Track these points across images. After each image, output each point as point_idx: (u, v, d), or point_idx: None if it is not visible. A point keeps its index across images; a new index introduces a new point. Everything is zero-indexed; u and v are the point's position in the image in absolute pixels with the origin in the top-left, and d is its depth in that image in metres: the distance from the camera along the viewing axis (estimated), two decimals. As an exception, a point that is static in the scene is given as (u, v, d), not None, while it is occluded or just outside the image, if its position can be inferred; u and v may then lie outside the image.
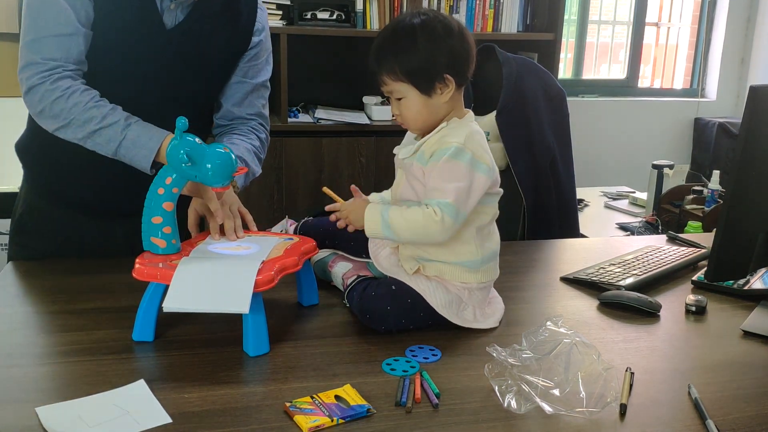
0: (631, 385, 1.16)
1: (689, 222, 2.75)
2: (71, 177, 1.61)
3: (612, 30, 4.80)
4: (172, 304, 1.20)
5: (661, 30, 4.89)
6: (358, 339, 1.31)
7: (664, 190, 3.06)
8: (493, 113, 2.27)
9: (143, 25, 1.49)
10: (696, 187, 3.04)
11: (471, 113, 1.40)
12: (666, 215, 3.00)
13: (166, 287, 1.22)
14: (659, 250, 1.82)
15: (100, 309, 1.40)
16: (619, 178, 4.29)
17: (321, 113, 3.47)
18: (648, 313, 1.47)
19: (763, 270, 1.60)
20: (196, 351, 1.25)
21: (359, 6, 3.68)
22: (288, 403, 1.07)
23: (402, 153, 1.38)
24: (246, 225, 1.49)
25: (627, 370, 1.20)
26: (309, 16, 3.64)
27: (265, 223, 1.65)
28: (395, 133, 3.12)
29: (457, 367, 1.22)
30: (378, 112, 3.51)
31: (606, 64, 4.87)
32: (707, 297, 1.54)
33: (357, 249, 1.49)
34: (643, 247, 1.87)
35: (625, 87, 4.74)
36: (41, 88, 1.43)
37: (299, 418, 1.04)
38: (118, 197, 1.58)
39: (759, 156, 1.32)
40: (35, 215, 1.67)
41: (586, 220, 3.06)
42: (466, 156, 1.29)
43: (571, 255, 1.91)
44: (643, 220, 3.02)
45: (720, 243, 1.34)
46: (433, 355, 1.26)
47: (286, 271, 1.30)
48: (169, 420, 1.04)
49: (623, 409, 1.09)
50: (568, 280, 1.65)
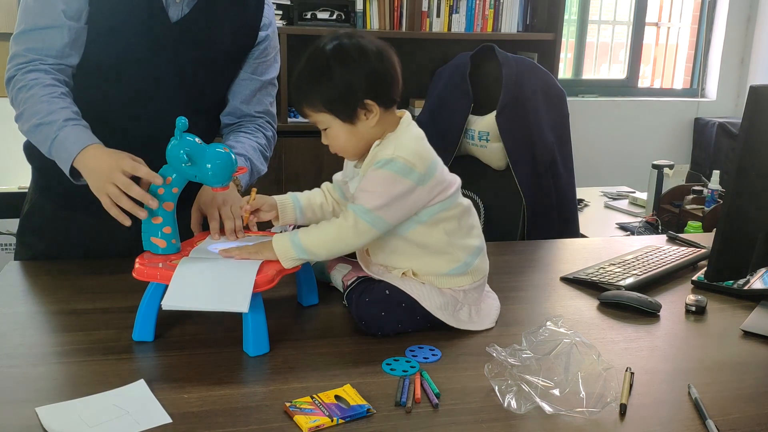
0: (631, 385, 1.16)
1: (689, 222, 2.75)
2: None
3: (612, 30, 4.80)
4: (172, 302, 1.20)
5: (661, 30, 4.89)
6: (358, 339, 1.31)
7: (664, 190, 3.06)
8: (493, 113, 2.27)
9: (147, 18, 1.49)
10: (696, 187, 3.04)
11: (406, 116, 1.35)
12: (666, 215, 3.00)
13: (166, 287, 1.22)
14: (659, 250, 1.82)
15: (100, 309, 1.40)
16: (619, 178, 4.29)
17: (321, 113, 3.46)
18: (648, 313, 1.47)
19: (763, 270, 1.60)
20: (195, 351, 1.25)
21: (359, 6, 3.68)
22: (288, 403, 1.07)
23: (353, 186, 1.36)
24: (246, 225, 1.49)
25: (627, 370, 1.20)
26: (309, 16, 3.65)
27: (265, 223, 1.65)
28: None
29: (457, 367, 1.22)
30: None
31: (606, 64, 4.87)
32: (707, 297, 1.54)
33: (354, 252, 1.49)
34: (643, 247, 1.87)
35: (625, 87, 4.74)
36: (14, 78, 1.46)
37: (299, 418, 1.04)
38: None
39: (759, 156, 1.32)
40: (40, 215, 1.68)
41: (586, 220, 3.06)
42: (395, 165, 1.26)
43: (571, 255, 1.91)
44: (643, 220, 3.02)
45: (720, 243, 1.34)
46: (433, 355, 1.26)
47: (286, 271, 1.30)
48: (169, 420, 1.04)
49: (623, 409, 1.09)
50: (568, 280, 1.65)
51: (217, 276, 1.24)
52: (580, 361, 1.09)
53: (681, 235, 2.05)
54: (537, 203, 2.29)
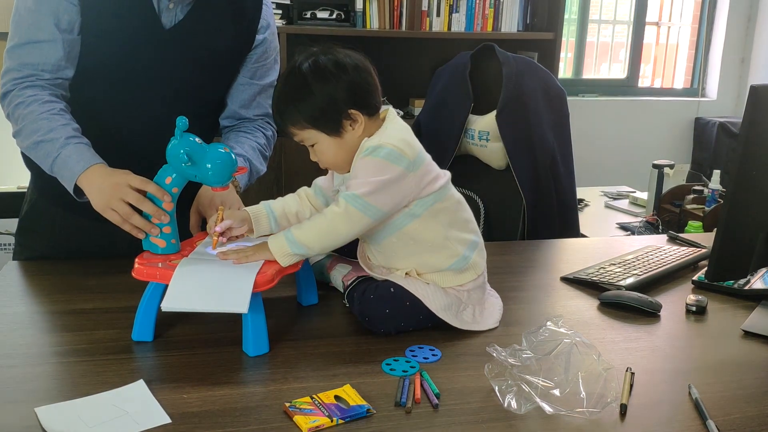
0: (631, 386, 1.16)
1: (689, 222, 2.75)
2: None
3: (612, 29, 4.80)
4: (171, 303, 1.19)
5: (662, 29, 4.89)
6: (358, 339, 1.31)
7: (665, 190, 3.06)
8: (493, 113, 2.27)
9: (140, 26, 1.48)
10: (696, 187, 3.04)
11: (390, 111, 1.35)
12: (666, 215, 3.00)
13: (166, 287, 1.22)
14: (659, 250, 1.82)
15: (100, 309, 1.40)
16: (619, 178, 4.29)
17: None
18: (648, 313, 1.47)
19: (763, 270, 1.60)
20: (195, 351, 1.25)
21: (359, 5, 3.68)
22: (288, 404, 1.07)
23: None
24: None
25: (627, 370, 1.20)
26: (309, 16, 3.65)
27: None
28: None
29: (457, 367, 1.22)
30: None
31: (606, 64, 4.87)
32: (707, 297, 1.54)
33: (352, 251, 1.48)
34: (643, 247, 1.87)
35: (626, 87, 4.74)
36: (10, 94, 1.45)
37: (299, 419, 1.03)
38: None
39: (759, 156, 1.32)
40: (39, 215, 1.67)
41: (586, 220, 3.06)
42: (381, 151, 1.25)
43: (571, 255, 1.91)
44: (644, 219, 3.02)
45: (720, 243, 1.34)
46: (433, 355, 1.26)
47: (286, 271, 1.30)
48: (168, 420, 1.03)
49: (623, 410, 1.09)
50: (568, 280, 1.65)
51: (217, 276, 1.24)
52: (581, 361, 1.08)
53: (681, 234, 2.05)
54: (537, 203, 2.28)
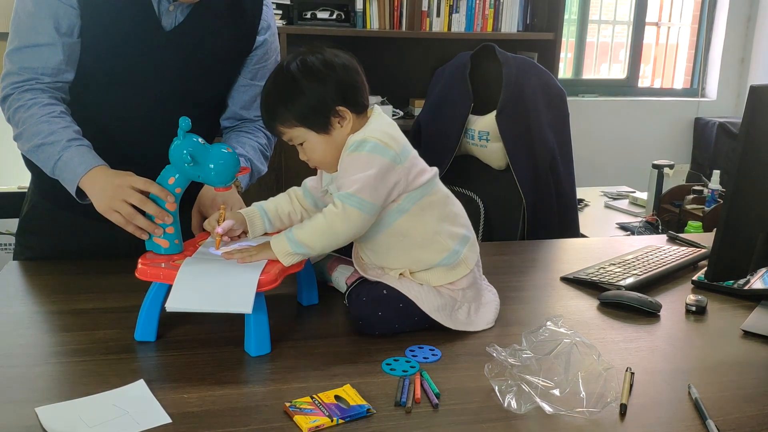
0: (631, 385, 1.16)
1: (689, 222, 2.75)
2: None
3: (612, 30, 4.80)
4: (175, 304, 1.20)
5: (662, 30, 4.89)
6: (358, 339, 1.31)
7: (665, 190, 3.06)
8: (493, 113, 2.27)
9: (140, 28, 1.48)
10: (696, 187, 3.04)
11: (375, 108, 1.36)
12: (666, 215, 3.00)
13: (169, 287, 1.22)
14: (659, 250, 1.82)
15: (100, 309, 1.40)
16: (619, 178, 4.29)
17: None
18: (648, 313, 1.47)
19: (763, 270, 1.60)
20: (195, 351, 1.25)
21: (359, 6, 3.68)
22: (288, 404, 1.07)
23: (333, 190, 1.35)
24: None
25: (627, 370, 1.20)
26: (309, 16, 3.65)
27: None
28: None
29: (457, 367, 1.22)
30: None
31: (606, 64, 4.87)
32: (707, 297, 1.54)
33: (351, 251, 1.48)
34: (643, 247, 1.87)
35: (625, 87, 4.74)
36: (10, 97, 1.45)
37: (299, 419, 1.04)
38: None
39: (759, 156, 1.32)
40: (39, 216, 1.67)
41: (586, 220, 3.06)
42: (366, 145, 1.26)
43: (571, 255, 1.91)
44: (644, 219, 3.02)
45: (720, 243, 1.34)
46: (433, 355, 1.26)
47: (289, 271, 1.30)
48: (168, 420, 1.03)
49: (623, 410, 1.09)
50: (568, 280, 1.65)
51: (221, 277, 1.24)
52: (581, 361, 1.09)
53: (681, 235, 2.05)
54: (537, 203, 2.29)
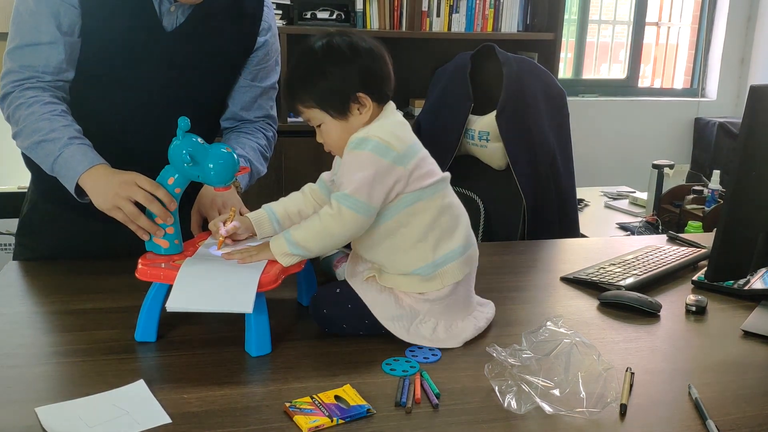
0: (631, 386, 1.16)
1: (689, 222, 2.75)
2: None
3: (612, 30, 4.80)
4: (176, 303, 1.20)
5: (662, 30, 4.89)
6: (358, 339, 1.31)
7: (665, 190, 3.06)
8: (493, 113, 2.27)
9: (141, 29, 1.48)
10: (696, 187, 3.04)
11: (390, 104, 1.32)
12: (666, 215, 3.00)
13: (169, 287, 1.22)
14: (659, 250, 1.82)
15: (100, 309, 1.40)
16: (619, 178, 4.29)
17: (321, 113, 3.46)
18: (648, 313, 1.47)
19: (763, 270, 1.60)
20: (195, 351, 1.25)
21: (359, 6, 3.68)
22: (288, 404, 1.07)
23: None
24: None
25: (627, 370, 1.20)
26: (309, 16, 3.65)
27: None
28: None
29: (457, 367, 1.22)
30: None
31: (606, 64, 4.87)
32: (707, 297, 1.54)
33: None
34: (643, 247, 1.87)
35: (625, 87, 4.74)
36: (11, 95, 1.45)
37: (299, 419, 1.04)
38: None
39: (759, 156, 1.32)
40: (39, 216, 1.67)
41: (586, 220, 3.06)
42: (368, 144, 1.23)
43: (571, 255, 1.91)
44: (644, 220, 3.02)
45: (720, 243, 1.34)
46: (433, 355, 1.26)
47: (289, 271, 1.30)
48: (168, 420, 1.03)
49: (623, 410, 1.09)
50: (568, 280, 1.65)
51: (221, 276, 1.24)
52: (580, 361, 1.09)
53: (681, 235, 2.05)
54: (537, 203, 2.28)
